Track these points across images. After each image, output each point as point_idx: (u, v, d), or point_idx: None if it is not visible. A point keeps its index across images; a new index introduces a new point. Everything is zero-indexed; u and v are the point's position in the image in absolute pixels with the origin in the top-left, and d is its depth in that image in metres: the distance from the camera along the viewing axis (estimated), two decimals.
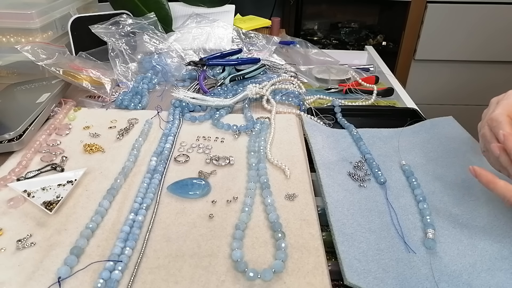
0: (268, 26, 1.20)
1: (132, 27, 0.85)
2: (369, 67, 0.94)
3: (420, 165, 0.56)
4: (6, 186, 0.49)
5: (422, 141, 0.61)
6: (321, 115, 0.69)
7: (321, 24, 1.80)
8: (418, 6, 1.47)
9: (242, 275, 0.38)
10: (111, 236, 0.43)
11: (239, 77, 0.79)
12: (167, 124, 0.64)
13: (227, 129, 0.63)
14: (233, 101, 0.69)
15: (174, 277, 0.38)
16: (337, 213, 0.46)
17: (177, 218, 0.45)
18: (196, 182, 0.50)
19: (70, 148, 0.58)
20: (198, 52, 0.92)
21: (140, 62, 0.83)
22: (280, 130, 0.63)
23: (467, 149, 0.58)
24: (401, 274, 0.39)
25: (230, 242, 0.42)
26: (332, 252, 0.43)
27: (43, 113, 0.63)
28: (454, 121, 0.65)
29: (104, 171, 0.53)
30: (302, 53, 0.97)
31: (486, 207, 0.47)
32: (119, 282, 0.37)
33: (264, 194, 0.49)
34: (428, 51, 1.55)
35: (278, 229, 0.43)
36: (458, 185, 0.51)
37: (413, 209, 0.48)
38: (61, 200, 0.47)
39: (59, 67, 0.69)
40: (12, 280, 0.37)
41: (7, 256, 0.40)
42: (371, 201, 0.49)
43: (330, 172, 0.54)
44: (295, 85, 0.76)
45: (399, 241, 0.43)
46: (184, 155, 0.57)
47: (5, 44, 0.78)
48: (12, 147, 0.56)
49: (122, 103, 0.70)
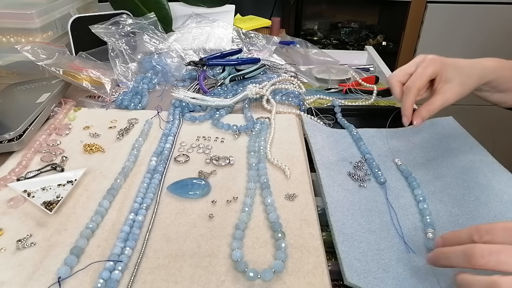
0: (268, 26, 1.20)
1: (132, 27, 0.85)
2: (369, 67, 0.94)
3: (420, 165, 0.56)
4: (6, 186, 0.49)
5: (422, 141, 0.61)
6: (321, 115, 0.69)
7: (321, 24, 1.80)
8: (418, 6, 1.47)
9: (242, 275, 0.38)
10: (111, 236, 0.43)
11: (239, 77, 0.79)
12: (167, 124, 0.64)
13: (227, 129, 0.63)
14: (233, 101, 0.69)
15: (174, 277, 0.38)
16: (337, 213, 0.46)
17: (177, 218, 0.45)
18: (196, 182, 0.50)
19: (70, 148, 0.58)
20: (198, 52, 0.92)
21: (140, 62, 0.83)
22: (280, 130, 0.63)
23: (467, 149, 0.58)
24: (401, 274, 0.39)
25: (230, 242, 0.42)
26: (332, 252, 0.43)
27: (43, 113, 0.63)
28: (454, 121, 0.65)
29: (104, 171, 0.53)
30: (302, 53, 0.97)
31: (486, 207, 0.47)
32: (119, 282, 0.37)
33: (264, 194, 0.49)
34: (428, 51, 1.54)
35: (278, 229, 0.43)
36: (458, 185, 0.51)
37: (413, 209, 0.48)
38: (61, 200, 0.47)
39: (59, 67, 0.69)
40: (12, 280, 0.37)
41: (7, 256, 0.40)
42: (371, 201, 0.49)
43: (330, 172, 0.54)
44: (295, 85, 0.76)
45: (399, 241, 0.43)
46: (184, 155, 0.57)
47: (5, 44, 0.78)
48: (12, 147, 0.56)
49: (122, 103, 0.69)
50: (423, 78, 0.53)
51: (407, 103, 0.53)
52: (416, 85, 0.53)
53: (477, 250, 0.32)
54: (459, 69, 0.53)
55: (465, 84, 0.53)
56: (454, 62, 0.53)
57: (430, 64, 0.53)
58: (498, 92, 0.56)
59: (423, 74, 0.53)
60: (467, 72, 0.53)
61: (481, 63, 0.54)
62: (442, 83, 0.53)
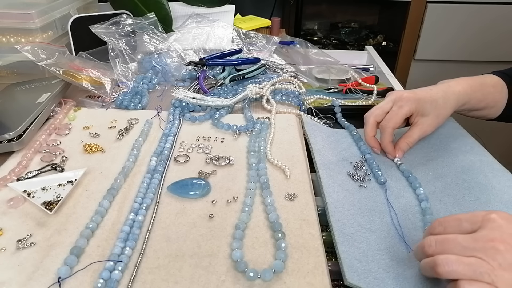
0: (268, 26, 1.20)
1: (132, 27, 0.85)
2: (369, 67, 0.94)
3: (420, 165, 0.56)
4: (6, 186, 0.49)
5: (422, 141, 0.61)
6: (321, 115, 0.69)
7: (321, 24, 1.80)
8: (418, 6, 1.47)
9: (242, 275, 0.38)
10: (111, 236, 0.43)
11: (239, 77, 0.79)
12: (167, 124, 0.64)
13: (227, 129, 0.63)
14: (233, 101, 0.69)
15: (174, 277, 0.38)
16: (337, 213, 0.46)
17: (177, 218, 0.45)
18: (196, 182, 0.50)
19: (70, 148, 0.58)
20: (198, 52, 0.92)
21: (140, 62, 0.83)
22: (280, 130, 0.63)
23: (467, 149, 0.58)
24: (401, 274, 0.39)
25: (230, 242, 0.42)
26: (332, 252, 0.43)
27: (43, 113, 0.63)
28: (454, 121, 0.65)
29: (104, 171, 0.53)
30: (302, 53, 0.97)
31: (486, 207, 0.47)
32: (119, 282, 0.37)
33: (264, 194, 0.48)
34: (428, 51, 1.55)
35: (278, 229, 0.43)
36: (458, 185, 0.51)
37: (413, 209, 0.48)
38: (61, 200, 0.47)
39: (59, 67, 0.69)
40: (12, 280, 0.37)
41: (7, 256, 0.40)
42: (371, 201, 0.49)
43: (330, 172, 0.54)
44: (295, 85, 0.76)
45: (400, 241, 0.43)
46: (184, 155, 0.57)
47: (5, 44, 0.78)
48: (12, 147, 0.56)
49: (122, 103, 0.69)
50: (397, 117, 0.55)
51: (385, 142, 0.57)
52: (390, 125, 0.56)
53: (426, 241, 0.36)
54: (434, 104, 0.55)
55: (440, 115, 0.56)
56: (429, 97, 0.56)
57: (405, 104, 0.55)
58: (475, 111, 0.60)
59: (398, 114, 0.56)
60: (441, 104, 0.56)
61: (452, 90, 0.56)
62: (419, 117, 0.56)
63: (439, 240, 0.35)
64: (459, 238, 0.34)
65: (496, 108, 0.60)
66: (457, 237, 0.34)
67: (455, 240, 0.34)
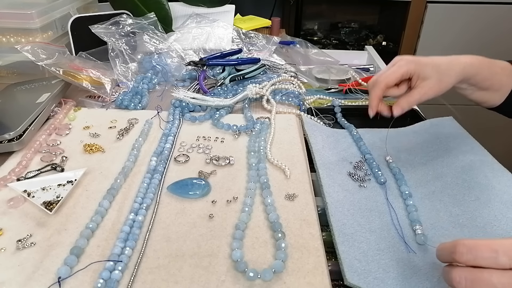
0: (268, 26, 1.20)
1: (132, 27, 0.85)
2: (369, 67, 0.94)
3: (420, 165, 0.56)
4: (6, 186, 0.49)
5: (422, 141, 0.61)
6: (321, 115, 0.69)
7: (321, 24, 1.80)
8: (418, 6, 1.47)
9: (242, 275, 0.38)
10: (111, 236, 0.43)
11: (239, 77, 0.79)
12: (167, 124, 0.64)
13: (227, 129, 0.63)
14: (233, 101, 0.69)
15: (174, 277, 0.38)
16: (337, 213, 0.46)
17: (177, 218, 0.45)
18: (196, 182, 0.50)
19: (70, 148, 0.58)
20: (198, 52, 0.92)
21: (140, 62, 0.83)
22: (280, 130, 0.63)
23: (467, 149, 0.58)
24: (401, 274, 0.39)
25: (230, 242, 0.42)
26: (332, 252, 0.43)
27: (43, 113, 0.63)
28: (454, 121, 0.65)
29: (104, 171, 0.53)
30: (302, 53, 0.97)
31: (486, 207, 0.47)
32: (119, 282, 0.37)
33: (264, 194, 0.48)
34: (428, 51, 1.55)
35: (278, 229, 0.43)
36: (458, 185, 0.51)
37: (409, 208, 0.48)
38: (61, 200, 0.47)
39: (59, 67, 0.69)
40: (12, 280, 0.37)
41: (7, 256, 0.40)
42: (371, 201, 0.49)
43: (330, 172, 0.54)
44: (295, 85, 0.76)
45: (400, 241, 0.43)
46: (184, 155, 0.57)
47: (5, 44, 0.78)
48: (12, 147, 0.56)
49: (122, 103, 0.69)
50: (393, 75, 0.53)
51: (373, 95, 0.54)
52: (385, 80, 0.54)
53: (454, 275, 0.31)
54: (436, 67, 0.53)
55: (443, 81, 0.53)
56: (431, 61, 0.54)
57: (405, 64, 0.54)
58: (479, 90, 0.57)
59: (395, 72, 0.53)
60: (444, 69, 0.53)
61: (459, 60, 0.54)
62: (420, 81, 0.53)
63: (469, 278, 0.30)
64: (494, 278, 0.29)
65: (500, 93, 0.57)
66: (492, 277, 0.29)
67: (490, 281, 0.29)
